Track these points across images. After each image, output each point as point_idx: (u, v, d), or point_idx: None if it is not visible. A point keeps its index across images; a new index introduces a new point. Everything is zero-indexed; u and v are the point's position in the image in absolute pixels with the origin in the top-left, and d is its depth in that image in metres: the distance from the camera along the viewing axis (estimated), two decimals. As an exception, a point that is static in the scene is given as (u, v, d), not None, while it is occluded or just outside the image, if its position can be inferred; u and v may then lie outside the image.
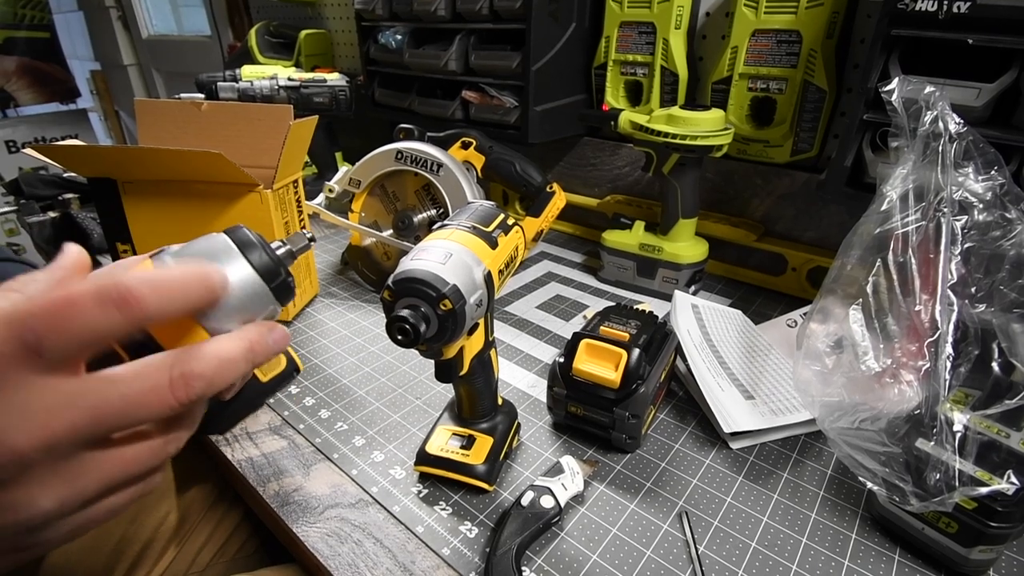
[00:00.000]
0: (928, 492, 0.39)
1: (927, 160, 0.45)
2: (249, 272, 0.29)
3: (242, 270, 0.29)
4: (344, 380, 0.66)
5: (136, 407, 0.25)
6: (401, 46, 1.05)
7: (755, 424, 0.55)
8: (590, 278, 0.92)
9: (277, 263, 0.30)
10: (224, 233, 0.30)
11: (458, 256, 0.40)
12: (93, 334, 0.24)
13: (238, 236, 0.30)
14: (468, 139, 0.84)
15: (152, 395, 0.25)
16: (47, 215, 1.02)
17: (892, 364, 0.43)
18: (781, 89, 0.79)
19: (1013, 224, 0.43)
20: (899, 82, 0.47)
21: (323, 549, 0.45)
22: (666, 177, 0.78)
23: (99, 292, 0.24)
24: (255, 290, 0.30)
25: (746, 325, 0.71)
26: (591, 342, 0.54)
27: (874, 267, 0.45)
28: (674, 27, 0.85)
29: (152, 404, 0.25)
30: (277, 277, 0.30)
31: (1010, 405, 0.40)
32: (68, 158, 0.71)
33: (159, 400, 0.25)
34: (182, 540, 0.59)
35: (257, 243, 0.30)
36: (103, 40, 2.79)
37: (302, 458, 0.55)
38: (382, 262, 0.86)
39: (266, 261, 0.30)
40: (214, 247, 0.30)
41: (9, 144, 2.64)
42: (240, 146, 0.72)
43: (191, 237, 0.31)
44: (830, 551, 0.45)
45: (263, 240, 0.31)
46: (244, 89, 1.11)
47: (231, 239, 0.30)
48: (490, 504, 0.49)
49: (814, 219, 0.84)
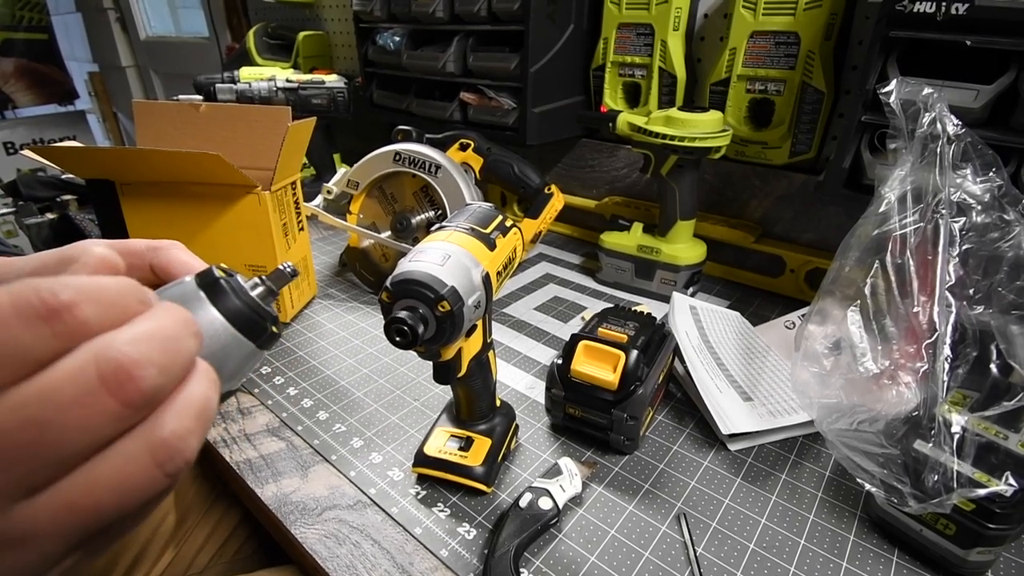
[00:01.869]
0: (926, 494, 0.39)
1: (925, 162, 0.45)
2: (218, 321, 0.25)
3: (210, 318, 0.25)
4: (342, 382, 0.65)
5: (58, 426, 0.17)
6: (399, 48, 1.05)
7: (753, 426, 0.55)
8: (588, 280, 0.92)
9: (249, 306, 0.26)
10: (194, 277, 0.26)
11: (456, 258, 0.40)
12: (12, 358, 0.17)
13: (204, 279, 0.25)
14: (466, 141, 0.84)
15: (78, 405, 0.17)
16: (45, 217, 1.02)
17: (890, 366, 0.43)
18: (779, 91, 0.79)
19: (1011, 226, 0.43)
20: (897, 84, 0.48)
21: (321, 551, 0.45)
22: (664, 179, 0.79)
23: (15, 299, 0.17)
24: (226, 341, 0.25)
25: (744, 327, 0.71)
26: (589, 344, 0.54)
27: (872, 269, 0.45)
28: (672, 29, 0.85)
29: (82, 416, 0.17)
30: (252, 324, 0.25)
31: (1008, 407, 0.40)
32: (66, 160, 0.71)
33: (92, 407, 0.18)
34: (180, 542, 0.59)
35: (227, 287, 0.25)
36: (101, 42, 2.79)
37: (300, 460, 0.54)
38: (380, 263, 0.86)
39: (235, 304, 0.25)
40: (181, 293, 0.25)
41: (7, 146, 2.64)
42: (238, 148, 0.72)
43: (189, 238, 0.29)
44: (828, 552, 0.45)
45: (236, 282, 0.26)
46: (242, 91, 1.11)
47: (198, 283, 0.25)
48: (488, 506, 0.49)
49: (812, 221, 0.84)
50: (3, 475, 0.17)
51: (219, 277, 0.25)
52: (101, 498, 0.18)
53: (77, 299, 0.18)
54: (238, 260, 0.72)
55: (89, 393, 0.17)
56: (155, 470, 0.19)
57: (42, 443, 0.17)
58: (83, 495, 0.18)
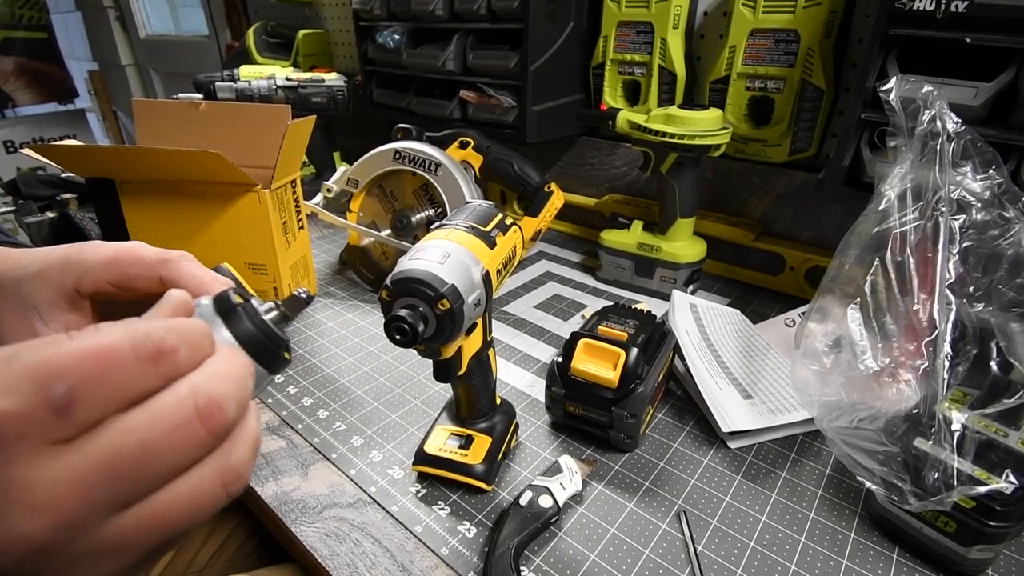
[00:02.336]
0: (926, 491, 0.39)
1: (925, 159, 0.45)
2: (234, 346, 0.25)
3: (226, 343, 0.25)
4: (342, 380, 0.65)
5: (160, 449, 0.20)
6: (399, 46, 1.05)
7: (753, 423, 0.55)
8: (588, 278, 0.92)
9: (263, 332, 0.26)
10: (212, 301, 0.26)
11: (456, 256, 0.40)
12: (128, 392, 0.20)
13: (222, 305, 0.26)
14: (466, 139, 0.84)
15: (177, 432, 0.21)
16: (45, 215, 1.02)
17: (890, 363, 0.43)
18: (779, 88, 0.79)
19: (1011, 223, 0.43)
20: (897, 81, 0.47)
21: (321, 549, 0.45)
22: (664, 176, 0.79)
23: (135, 343, 0.20)
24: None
25: (744, 324, 0.71)
26: (589, 342, 0.54)
27: (872, 266, 0.45)
28: (672, 26, 0.85)
29: (179, 441, 0.21)
30: (266, 350, 0.26)
31: (1008, 404, 0.40)
32: (66, 158, 0.71)
33: (187, 434, 0.21)
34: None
35: (243, 313, 0.26)
36: (101, 40, 2.79)
37: (300, 458, 0.55)
38: (380, 262, 0.86)
39: (249, 331, 0.26)
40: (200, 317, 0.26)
41: (7, 144, 2.64)
42: (238, 146, 0.72)
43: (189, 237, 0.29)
44: (829, 550, 0.45)
45: (251, 308, 0.26)
46: (242, 89, 1.11)
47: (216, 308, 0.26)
48: (488, 504, 0.49)
49: (812, 218, 0.84)
50: (109, 490, 0.19)
51: (236, 304, 0.26)
52: (179, 514, 0.21)
53: (177, 344, 0.21)
54: (238, 258, 0.72)
55: (188, 421, 0.21)
56: (221, 491, 0.22)
57: (144, 463, 0.20)
58: (166, 511, 0.21)
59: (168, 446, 0.20)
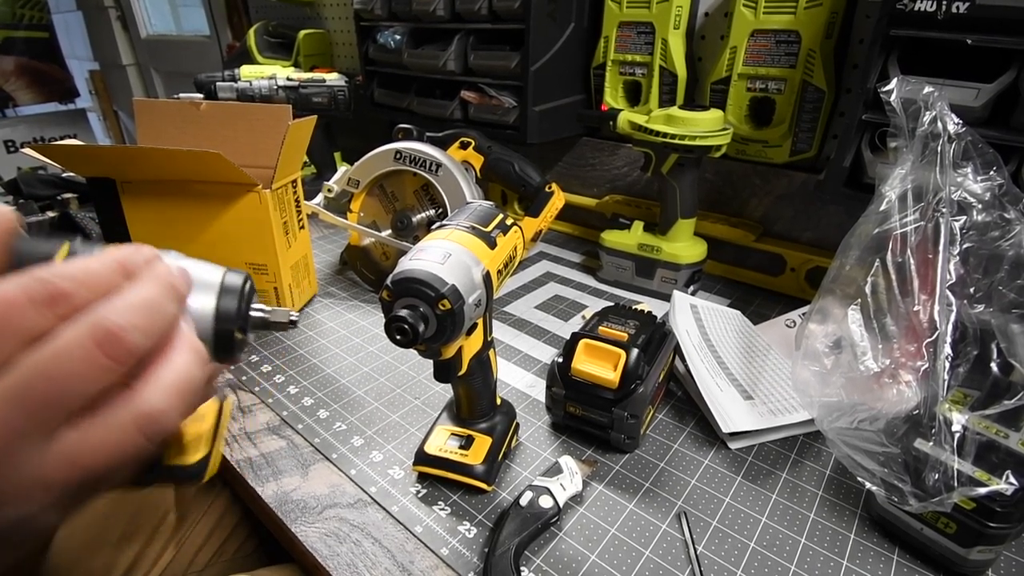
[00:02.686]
0: (927, 492, 0.39)
1: (926, 160, 0.45)
2: (208, 310, 0.27)
3: (203, 304, 0.27)
4: (343, 380, 0.65)
5: (63, 376, 0.21)
6: (400, 46, 1.05)
7: (754, 424, 0.55)
8: (589, 278, 0.92)
9: (236, 317, 0.27)
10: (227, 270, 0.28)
11: (457, 256, 0.40)
12: (29, 333, 0.21)
13: (227, 278, 0.27)
14: (467, 139, 0.84)
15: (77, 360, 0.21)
16: (46, 215, 1.01)
17: (891, 364, 0.43)
18: (780, 89, 0.79)
19: (1012, 224, 0.43)
20: (898, 82, 0.47)
21: (322, 549, 0.45)
22: (665, 177, 0.79)
23: (28, 290, 0.21)
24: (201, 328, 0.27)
25: (745, 325, 0.71)
26: (590, 342, 0.54)
27: (873, 267, 0.45)
28: (673, 27, 0.85)
29: (81, 370, 0.21)
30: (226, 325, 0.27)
31: (1009, 405, 0.40)
32: (67, 158, 0.71)
33: (87, 362, 0.21)
34: (181, 540, 0.59)
35: (236, 291, 0.27)
36: (102, 40, 2.79)
37: (301, 458, 0.55)
38: (381, 262, 0.86)
39: (230, 309, 0.27)
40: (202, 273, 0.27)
41: (8, 144, 2.64)
42: (239, 146, 0.72)
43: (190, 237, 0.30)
44: (829, 551, 0.45)
45: (249, 294, 0.28)
46: (243, 89, 1.11)
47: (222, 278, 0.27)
48: (489, 504, 0.49)
49: (813, 219, 0.84)
50: (27, 420, 0.21)
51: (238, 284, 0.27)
52: (97, 453, 0.22)
53: (72, 287, 0.22)
54: (239, 258, 0.72)
55: (83, 348, 0.22)
56: (137, 434, 0.23)
57: (53, 391, 0.21)
58: (83, 447, 0.22)
59: (72, 373, 0.21)
